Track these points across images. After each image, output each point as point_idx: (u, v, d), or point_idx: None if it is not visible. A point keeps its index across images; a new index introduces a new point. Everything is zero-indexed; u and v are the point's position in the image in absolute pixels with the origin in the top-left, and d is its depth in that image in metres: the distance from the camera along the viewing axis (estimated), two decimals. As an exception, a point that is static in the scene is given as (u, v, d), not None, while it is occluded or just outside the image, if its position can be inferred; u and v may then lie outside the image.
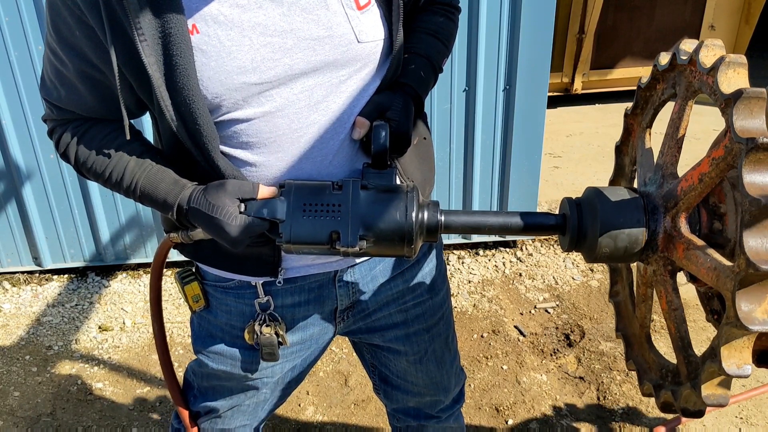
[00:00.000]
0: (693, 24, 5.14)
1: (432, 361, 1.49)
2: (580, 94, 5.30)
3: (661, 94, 1.09)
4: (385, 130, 1.08)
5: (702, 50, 0.93)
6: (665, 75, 1.06)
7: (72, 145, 1.14)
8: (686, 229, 0.96)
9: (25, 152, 2.97)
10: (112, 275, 3.35)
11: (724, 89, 0.86)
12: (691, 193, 0.94)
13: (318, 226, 1.02)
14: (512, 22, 2.92)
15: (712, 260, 0.87)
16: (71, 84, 1.09)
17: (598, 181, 4.03)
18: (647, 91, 1.13)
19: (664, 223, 0.98)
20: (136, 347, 2.90)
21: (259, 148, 1.10)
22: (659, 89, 1.10)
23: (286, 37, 1.04)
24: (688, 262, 0.92)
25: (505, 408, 2.52)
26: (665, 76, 1.07)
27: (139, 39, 0.98)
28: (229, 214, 1.04)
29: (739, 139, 0.80)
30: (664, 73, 1.06)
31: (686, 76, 1.00)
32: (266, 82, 1.04)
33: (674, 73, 1.04)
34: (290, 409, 2.54)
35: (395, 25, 1.12)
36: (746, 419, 2.41)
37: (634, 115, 1.18)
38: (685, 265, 0.94)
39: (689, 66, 0.98)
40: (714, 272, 0.86)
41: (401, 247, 1.04)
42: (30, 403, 2.58)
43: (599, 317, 3.00)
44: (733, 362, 0.81)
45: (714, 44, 0.93)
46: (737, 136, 0.81)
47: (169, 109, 1.03)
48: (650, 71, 1.09)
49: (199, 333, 1.37)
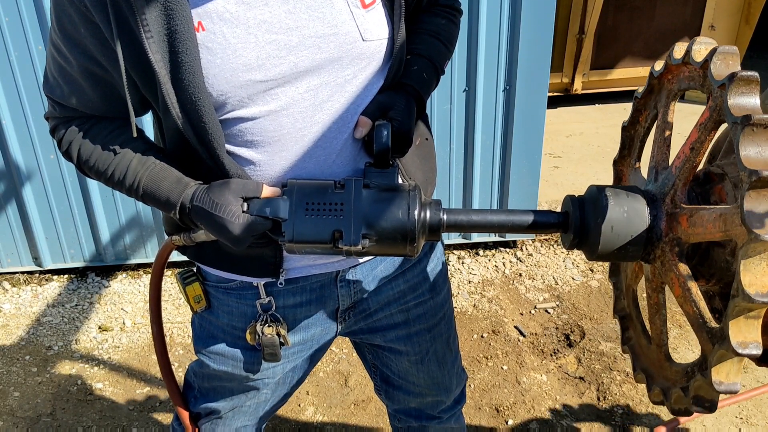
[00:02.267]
0: (693, 24, 5.14)
1: (433, 362, 1.49)
2: (580, 95, 5.30)
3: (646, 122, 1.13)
4: (387, 130, 1.09)
5: (694, 46, 0.96)
6: (647, 100, 1.10)
7: (74, 143, 1.14)
8: (686, 201, 0.97)
9: (25, 152, 2.97)
10: (112, 275, 3.35)
11: (717, 76, 0.88)
12: (686, 165, 0.96)
13: (320, 225, 1.02)
14: (512, 23, 2.92)
15: (715, 210, 0.88)
16: (75, 81, 1.09)
17: (598, 181, 4.03)
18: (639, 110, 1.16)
19: (664, 207, 0.98)
20: (136, 347, 2.90)
21: (264, 146, 1.10)
22: (642, 120, 1.15)
23: (291, 34, 1.04)
24: (694, 229, 0.92)
25: (505, 408, 2.52)
26: (647, 102, 1.10)
27: (145, 36, 0.98)
28: (232, 213, 1.04)
29: (734, 119, 0.82)
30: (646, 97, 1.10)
31: (668, 81, 1.03)
32: (271, 79, 1.04)
33: (654, 95, 1.10)
34: (290, 409, 2.53)
35: (396, 24, 1.12)
36: (746, 419, 2.41)
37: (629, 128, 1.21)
38: (691, 234, 0.93)
39: (682, 66, 1.00)
40: (720, 219, 0.86)
41: (404, 246, 1.04)
42: (30, 404, 2.58)
43: (599, 317, 3.00)
44: (741, 340, 0.81)
45: (705, 41, 0.95)
46: (732, 115, 0.83)
47: (175, 107, 1.03)
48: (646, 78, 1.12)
49: (200, 334, 1.37)
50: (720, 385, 0.85)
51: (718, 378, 0.85)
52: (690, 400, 0.91)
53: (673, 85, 1.05)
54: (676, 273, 0.96)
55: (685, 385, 0.93)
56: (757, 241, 0.77)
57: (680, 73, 1.04)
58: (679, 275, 0.95)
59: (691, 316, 0.93)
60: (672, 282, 0.97)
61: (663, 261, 0.99)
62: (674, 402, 0.97)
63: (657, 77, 1.08)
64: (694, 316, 0.92)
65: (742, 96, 0.84)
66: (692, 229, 0.92)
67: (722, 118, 0.91)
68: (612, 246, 1.00)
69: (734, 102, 0.84)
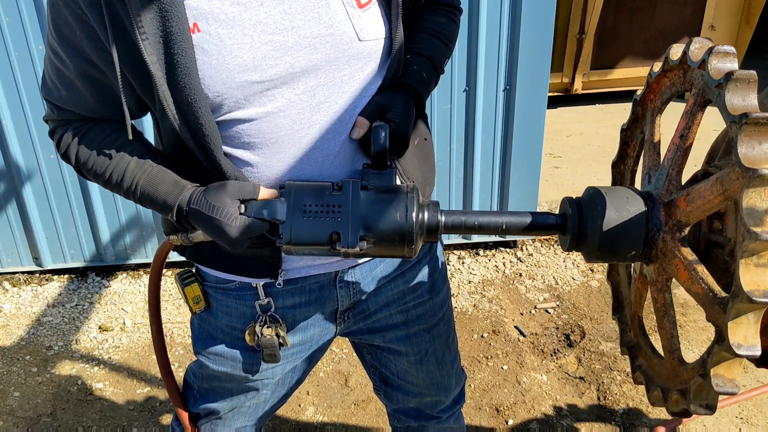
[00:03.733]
0: (693, 24, 5.13)
1: (432, 362, 1.49)
2: (580, 95, 5.29)
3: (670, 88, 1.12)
4: (384, 131, 1.08)
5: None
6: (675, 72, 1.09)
7: (73, 145, 1.14)
8: (681, 186, 0.98)
9: (25, 152, 2.97)
10: (113, 275, 3.35)
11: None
12: (677, 153, 0.97)
13: (318, 227, 1.02)
14: (512, 23, 2.92)
15: (711, 180, 0.88)
16: (72, 84, 1.09)
17: (598, 181, 4.03)
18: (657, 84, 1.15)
19: (660, 200, 0.99)
20: (136, 347, 2.90)
21: (261, 148, 1.10)
22: (630, 152, 1.17)
23: (287, 35, 1.04)
24: (692, 205, 0.92)
25: (506, 408, 2.52)
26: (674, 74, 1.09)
27: (140, 38, 0.98)
28: (229, 215, 1.04)
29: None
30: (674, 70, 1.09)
31: (651, 101, 1.06)
32: (268, 80, 1.04)
33: (639, 122, 1.13)
34: (290, 409, 2.54)
35: (394, 23, 1.12)
36: (746, 419, 2.41)
37: None
38: (691, 212, 0.93)
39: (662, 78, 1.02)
40: (717, 183, 0.87)
41: (401, 248, 1.04)
42: (30, 404, 2.58)
43: (599, 317, 2.99)
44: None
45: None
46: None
47: (172, 109, 1.03)
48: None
49: (199, 334, 1.37)
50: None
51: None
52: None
53: (656, 103, 1.07)
54: (680, 258, 0.94)
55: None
56: (755, 178, 0.77)
57: (661, 86, 1.06)
58: (684, 259, 0.94)
59: (700, 295, 0.90)
60: (677, 268, 0.95)
61: (665, 251, 0.98)
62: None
63: (640, 102, 1.11)
64: (704, 293, 0.89)
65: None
66: (691, 206, 0.93)
67: (708, 98, 0.93)
68: (611, 247, 1.00)
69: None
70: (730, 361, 0.84)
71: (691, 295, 0.93)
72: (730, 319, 0.81)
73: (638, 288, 1.14)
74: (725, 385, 0.84)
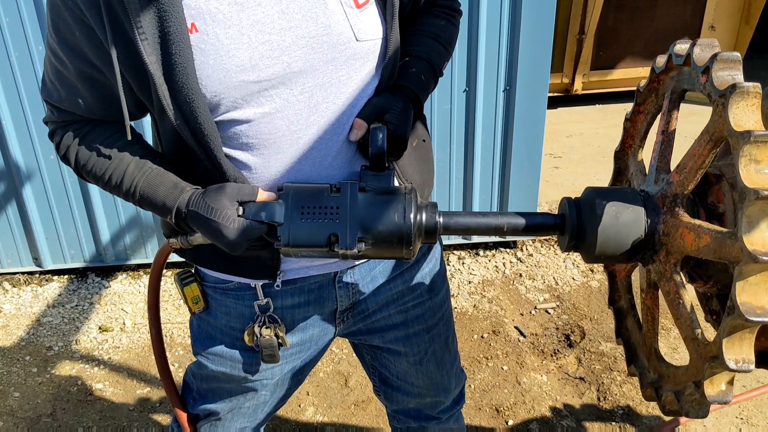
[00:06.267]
0: (693, 24, 5.13)
1: (432, 362, 1.49)
2: (580, 95, 5.29)
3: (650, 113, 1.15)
4: (382, 133, 1.08)
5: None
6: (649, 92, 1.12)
7: (72, 147, 1.14)
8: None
9: (25, 152, 2.97)
10: (113, 276, 3.35)
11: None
12: (663, 145, 1.00)
13: (316, 228, 1.02)
14: (512, 23, 2.92)
15: (698, 137, 0.92)
16: (71, 85, 1.09)
17: (598, 181, 4.03)
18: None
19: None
20: (136, 348, 2.90)
21: (259, 149, 1.10)
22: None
23: (284, 34, 1.04)
24: (685, 172, 0.95)
25: (506, 408, 2.52)
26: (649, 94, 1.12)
27: (140, 38, 0.98)
28: (228, 217, 1.04)
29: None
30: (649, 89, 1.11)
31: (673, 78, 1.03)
32: (265, 80, 1.04)
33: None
34: (290, 409, 2.54)
35: (389, 23, 1.12)
36: (747, 419, 2.40)
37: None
38: (685, 177, 0.95)
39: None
40: (704, 133, 0.91)
41: (400, 249, 1.04)
42: (30, 404, 2.58)
43: (599, 318, 2.99)
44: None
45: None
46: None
47: (171, 109, 1.03)
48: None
49: (198, 335, 1.37)
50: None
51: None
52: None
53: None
54: (683, 224, 0.95)
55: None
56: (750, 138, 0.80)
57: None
58: (686, 223, 0.94)
59: (710, 244, 0.89)
60: (682, 238, 0.95)
61: (667, 231, 0.97)
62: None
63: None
64: (713, 239, 0.89)
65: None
66: (683, 173, 0.96)
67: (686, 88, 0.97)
68: (609, 248, 1.00)
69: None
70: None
71: (700, 254, 0.91)
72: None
73: (648, 308, 1.09)
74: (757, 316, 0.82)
